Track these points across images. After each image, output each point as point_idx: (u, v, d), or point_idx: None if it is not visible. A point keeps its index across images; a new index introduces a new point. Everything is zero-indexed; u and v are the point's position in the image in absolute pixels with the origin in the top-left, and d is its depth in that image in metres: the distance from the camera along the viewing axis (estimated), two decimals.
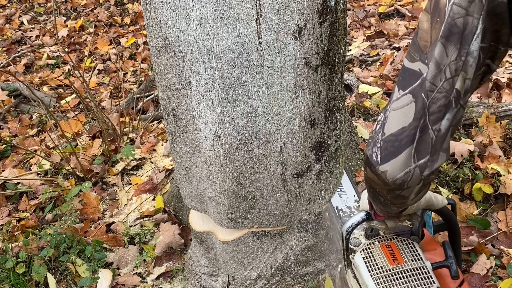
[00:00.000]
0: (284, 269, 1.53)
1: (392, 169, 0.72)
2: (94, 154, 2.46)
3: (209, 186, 1.39)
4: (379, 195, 0.82)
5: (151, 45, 1.27)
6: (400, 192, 0.76)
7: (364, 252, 1.07)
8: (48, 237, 1.85)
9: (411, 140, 0.70)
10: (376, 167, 0.73)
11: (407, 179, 0.72)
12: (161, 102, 1.38)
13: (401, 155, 0.71)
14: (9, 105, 3.27)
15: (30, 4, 5.20)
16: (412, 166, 0.71)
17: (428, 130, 0.70)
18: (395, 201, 0.81)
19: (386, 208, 0.90)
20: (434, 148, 0.70)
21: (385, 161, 0.72)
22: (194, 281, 1.68)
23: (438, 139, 0.70)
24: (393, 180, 0.72)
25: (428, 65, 0.69)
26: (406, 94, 0.71)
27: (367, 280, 1.02)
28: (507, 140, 2.04)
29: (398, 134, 0.71)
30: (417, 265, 1.02)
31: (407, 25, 3.39)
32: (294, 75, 1.19)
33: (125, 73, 3.66)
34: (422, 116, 0.69)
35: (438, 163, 0.71)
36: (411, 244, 1.08)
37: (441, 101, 0.69)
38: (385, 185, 0.75)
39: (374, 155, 0.74)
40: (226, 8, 1.08)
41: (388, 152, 0.72)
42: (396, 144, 0.71)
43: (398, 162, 0.71)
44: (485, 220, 1.71)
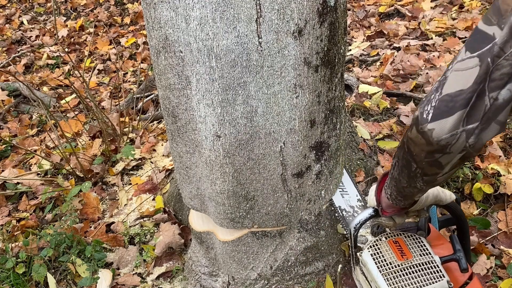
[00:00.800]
0: (284, 269, 1.53)
1: (439, 128, 0.70)
2: (94, 154, 2.46)
3: (209, 186, 1.39)
4: (414, 160, 0.79)
5: (151, 45, 1.27)
6: (439, 157, 0.73)
7: (372, 248, 1.08)
8: (48, 237, 1.85)
9: (465, 104, 0.68)
10: (424, 124, 0.71)
11: (451, 141, 0.70)
12: (161, 102, 1.38)
13: (452, 116, 0.69)
14: (9, 105, 3.27)
15: (30, 4, 5.20)
16: (460, 129, 0.69)
17: (484, 96, 0.67)
18: (428, 170, 0.78)
19: (409, 184, 0.86)
20: (487, 116, 0.68)
21: (435, 120, 0.70)
22: (194, 281, 1.68)
23: (493, 107, 0.67)
24: (437, 139, 0.70)
25: (503, 30, 0.65)
26: (473, 57, 0.68)
27: (377, 276, 1.02)
28: (507, 140, 2.04)
29: (454, 95, 0.69)
30: (425, 259, 1.02)
31: (407, 25, 3.39)
32: (294, 75, 1.19)
33: (125, 73, 3.66)
34: (483, 81, 0.67)
35: (486, 134, 0.69)
36: (418, 239, 1.08)
37: (505, 69, 0.66)
38: (427, 145, 0.72)
39: (425, 113, 0.72)
40: (226, 8, 1.08)
41: (440, 111, 0.70)
42: (450, 105, 0.69)
43: (448, 122, 0.69)
44: (485, 220, 1.71)
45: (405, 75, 2.76)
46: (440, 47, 3.03)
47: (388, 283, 1.00)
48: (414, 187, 0.86)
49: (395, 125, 2.22)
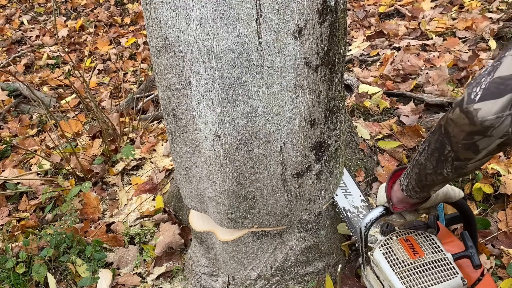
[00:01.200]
0: (284, 269, 1.53)
1: (486, 109, 0.69)
2: (94, 154, 2.46)
3: (209, 186, 1.39)
4: (450, 142, 0.77)
5: (151, 45, 1.27)
6: (478, 139, 0.72)
7: (383, 247, 1.07)
8: (48, 237, 1.85)
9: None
10: (470, 104, 0.70)
11: (496, 124, 0.69)
12: (161, 102, 1.38)
13: (501, 99, 0.68)
14: (9, 105, 3.27)
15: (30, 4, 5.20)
16: (507, 112, 0.68)
17: None
18: (462, 154, 0.76)
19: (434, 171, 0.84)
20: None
21: (483, 100, 0.69)
22: (194, 281, 1.68)
23: None
24: (482, 119, 0.69)
25: None
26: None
27: (390, 275, 1.01)
28: None
29: (506, 78, 0.68)
30: (438, 257, 1.02)
31: (407, 25, 3.39)
32: (294, 75, 1.19)
33: (125, 73, 3.66)
34: None
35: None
36: (429, 236, 1.07)
37: None
38: (470, 125, 0.71)
39: (473, 94, 0.71)
40: (226, 8, 1.08)
41: (489, 92, 0.69)
42: (501, 87, 0.68)
43: (496, 104, 0.68)
44: (485, 220, 1.71)
45: (405, 75, 2.76)
46: (440, 47, 3.03)
47: (402, 282, 0.99)
48: (439, 174, 0.84)
49: (395, 125, 2.22)
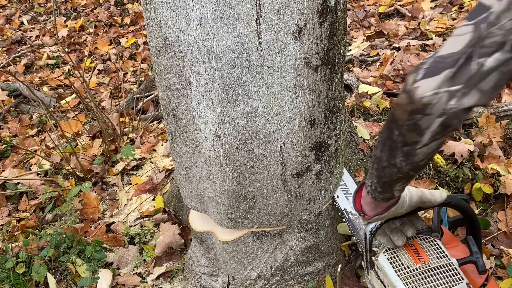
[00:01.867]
0: (284, 269, 1.53)
1: (424, 86, 0.71)
2: (94, 154, 2.46)
3: (209, 186, 1.39)
4: (396, 125, 0.78)
5: (151, 45, 1.27)
6: (419, 118, 0.73)
7: (388, 252, 1.06)
8: (48, 237, 1.85)
9: (453, 64, 0.70)
10: (411, 84, 0.73)
11: (433, 100, 0.70)
12: (161, 102, 1.38)
13: (439, 75, 0.70)
14: (9, 105, 3.27)
15: (30, 4, 5.20)
16: (443, 89, 0.70)
17: (471, 60, 0.69)
18: (408, 137, 0.77)
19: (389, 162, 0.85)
20: (471, 81, 0.69)
21: (423, 78, 0.72)
22: (194, 281, 1.68)
23: (479, 73, 0.69)
24: (420, 96, 0.71)
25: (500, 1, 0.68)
26: (469, 25, 0.71)
27: (395, 280, 1.00)
28: (507, 140, 2.04)
29: (445, 56, 0.71)
30: (443, 262, 1.01)
31: (407, 25, 3.39)
32: (294, 75, 1.19)
33: (125, 73, 3.66)
34: (474, 45, 0.69)
35: (467, 100, 0.70)
36: (433, 241, 1.06)
37: (496, 38, 0.68)
38: (409, 103, 0.73)
39: (417, 74, 0.73)
40: (226, 8, 1.08)
41: (429, 71, 0.72)
42: (439, 65, 0.71)
43: (433, 81, 0.71)
44: (485, 220, 1.71)
45: (405, 75, 2.76)
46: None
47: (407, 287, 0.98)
48: (393, 166, 0.84)
49: None
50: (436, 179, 1.88)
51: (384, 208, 1.00)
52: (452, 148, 1.96)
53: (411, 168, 0.83)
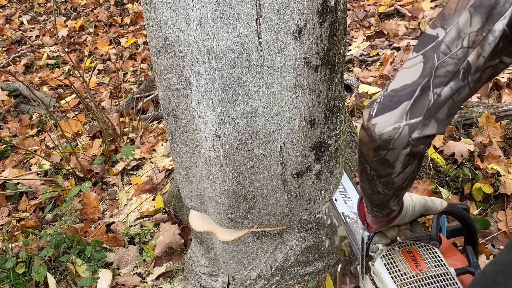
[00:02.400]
0: (284, 269, 1.53)
1: (382, 122, 0.70)
2: (94, 154, 2.46)
3: (209, 186, 1.39)
4: (367, 162, 0.78)
5: (151, 45, 1.27)
6: (385, 154, 0.72)
7: (385, 258, 1.05)
8: (48, 237, 1.85)
9: (409, 96, 0.69)
10: (369, 121, 0.72)
11: (394, 135, 0.69)
12: (161, 102, 1.38)
13: (396, 110, 0.69)
14: (9, 105, 3.27)
15: (30, 4, 5.20)
16: (403, 123, 0.69)
17: (428, 91, 0.69)
18: (381, 171, 0.77)
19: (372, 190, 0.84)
20: (429, 112, 0.69)
21: (379, 114, 0.71)
22: (194, 281, 1.68)
23: (435, 103, 0.69)
24: (379, 134, 0.70)
25: (447, 30, 0.68)
26: (418, 56, 0.71)
27: (391, 287, 0.99)
28: (507, 140, 2.04)
29: (399, 90, 0.70)
30: (441, 271, 1.00)
31: (407, 25, 3.39)
32: (294, 75, 1.19)
33: (125, 73, 3.66)
34: (428, 75, 0.69)
35: (428, 130, 0.69)
36: (432, 249, 1.05)
37: (450, 67, 0.68)
38: (371, 142, 0.72)
39: (371, 110, 0.72)
40: (226, 8, 1.08)
41: (384, 106, 0.71)
42: (394, 99, 0.70)
43: (391, 116, 0.70)
44: (485, 220, 1.71)
45: None
46: None
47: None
48: (378, 193, 0.84)
49: None
50: (436, 179, 1.88)
51: (386, 221, 1.00)
52: (452, 148, 1.97)
53: (396, 191, 0.83)
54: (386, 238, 1.06)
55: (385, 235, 1.06)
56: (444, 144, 2.02)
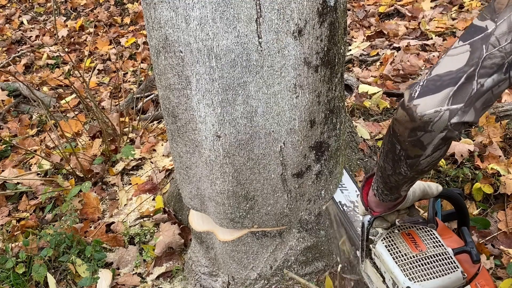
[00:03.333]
0: (284, 269, 1.53)
1: (424, 104, 0.72)
2: (94, 154, 2.46)
3: (209, 186, 1.39)
4: (398, 141, 0.80)
5: (151, 45, 1.27)
6: (421, 135, 0.74)
7: (385, 240, 1.08)
8: (48, 237, 1.85)
9: (454, 83, 0.71)
10: (410, 101, 0.73)
11: (434, 118, 0.71)
12: (161, 102, 1.38)
13: (439, 94, 0.71)
14: (9, 105, 3.27)
15: (30, 4, 5.20)
16: (445, 107, 0.71)
17: (473, 80, 0.70)
18: (411, 151, 0.79)
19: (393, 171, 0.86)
20: (470, 100, 0.71)
21: (421, 96, 0.72)
22: (194, 281, 1.68)
23: (478, 92, 0.70)
24: (421, 115, 0.72)
25: (497, 23, 0.69)
26: (465, 45, 0.72)
27: (393, 267, 1.03)
28: (507, 140, 2.04)
29: (443, 75, 0.72)
30: (439, 251, 1.04)
31: (407, 25, 3.39)
32: (294, 75, 1.19)
33: (125, 73, 3.66)
34: (474, 64, 0.70)
35: (467, 117, 0.71)
36: (430, 231, 1.09)
37: (496, 59, 0.69)
38: (411, 121, 0.74)
39: (413, 92, 0.74)
40: (226, 8, 1.08)
41: (427, 89, 0.72)
42: (437, 84, 0.72)
43: (433, 99, 0.71)
44: (485, 220, 1.71)
45: (405, 75, 2.76)
46: (440, 47, 3.03)
47: (404, 273, 1.01)
48: (399, 174, 0.86)
49: None
50: (436, 179, 1.88)
51: (391, 206, 1.03)
52: (452, 148, 1.96)
53: (416, 174, 0.85)
54: (387, 222, 1.09)
55: (385, 219, 1.09)
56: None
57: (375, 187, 0.98)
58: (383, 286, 1.09)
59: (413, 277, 1.00)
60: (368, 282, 1.18)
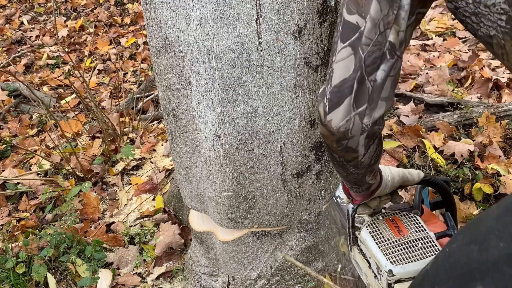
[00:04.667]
0: (284, 269, 1.53)
1: (335, 118, 0.76)
2: (94, 154, 2.46)
3: (209, 186, 1.39)
4: (333, 152, 0.84)
5: (151, 45, 1.27)
6: (347, 143, 0.79)
7: (370, 227, 1.13)
8: (48, 237, 1.85)
9: (350, 91, 0.75)
10: (324, 118, 0.78)
11: (349, 126, 0.76)
12: (161, 102, 1.38)
13: (343, 105, 0.76)
14: (9, 105, 3.27)
15: (30, 4, 5.20)
16: (352, 114, 0.75)
17: (364, 81, 0.74)
18: (347, 156, 0.83)
19: (347, 173, 0.90)
20: (372, 97, 0.75)
21: (330, 111, 0.77)
22: (194, 281, 1.68)
23: (375, 88, 0.75)
24: (337, 128, 0.77)
25: (366, 20, 0.72)
26: (346, 47, 0.75)
27: (376, 252, 1.07)
28: (507, 140, 2.04)
29: (340, 85, 0.76)
30: (421, 235, 1.08)
31: None
32: (294, 75, 1.19)
33: (125, 73, 3.66)
34: (359, 68, 0.74)
35: (377, 112, 0.76)
36: (413, 217, 1.13)
37: (375, 54, 0.73)
38: (332, 135, 0.79)
39: (324, 106, 0.78)
40: (226, 8, 1.08)
41: (333, 103, 0.77)
42: (338, 95, 0.76)
43: (340, 111, 0.76)
44: None
45: (405, 75, 2.76)
46: (440, 47, 3.03)
47: (387, 257, 1.05)
48: (351, 173, 0.90)
49: (395, 125, 2.22)
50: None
51: (369, 193, 1.07)
52: (452, 148, 1.97)
53: (366, 169, 0.89)
54: (369, 208, 1.13)
55: (368, 206, 1.13)
56: (444, 144, 2.02)
57: (345, 183, 1.02)
58: (369, 271, 1.13)
59: (395, 261, 1.03)
60: (357, 269, 1.23)
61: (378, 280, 1.09)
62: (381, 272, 1.06)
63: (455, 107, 2.31)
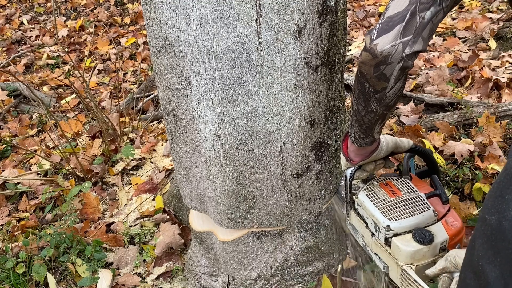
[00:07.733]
0: (284, 269, 1.53)
1: (382, 42, 0.87)
2: (94, 154, 2.46)
3: (209, 186, 1.39)
4: (366, 79, 0.93)
5: (151, 45, 1.27)
6: (384, 68, 0.89)
7: (366, 190, 1.25)
8: (48, 237, 1.85)
9: (402, 20, 0.86)
10: (371, 43, 0.88)
11: (391, 52, 0.86)
12: (161, 102, 1.38)
13: (392, 31, 0.86)
14: (9, 105, 3.27)
15: (30, 4, 5.20)
16: (398, 41, 0.86)
17: (416, 15, 0.86)
18: (378, 86, 0.92)
19: (366, 110, 0.99)
20: (417, 31, 0.86)
21: (379, 36, 0.87)
22: (194, 281, 1.68)
23: (421, 24, 0.86)
24: (381, 51, 0.87)
25: None
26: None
27: (374, 211, 1.19)
28: (507, 140, 2.04)
29: (393, 16, 0.87)
30: (413, 195, 1.21)
31: None
32: (294, 75, 1.19)
33: (125, 73, 3.66)
34: (415, 3, 0.86)
35: (417, 46, 0.87)
36: (404, 181, 1.27)
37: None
38: (374, 58, 0.88)
39: (372, 35, 0.88)
40: (226, 8, 1.08)
41: (382, 30, 0.87)
42: (390, 24, 0.87)
43: (389, 36, 0.86)
44: None
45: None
46: (440, 47, 3.03)
47: (384, 215, 1.16)
48: (371, 112, 0.99)
49: (395, 125, 2.22)
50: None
51: (368, 153, 1.17)
52: (452, 148, 1.97)
53: (385, 108, 0.99)
54: (366, 172, 1.25)
55: (364, 170, 1.25)
56: (444, 144, 2.02)
57: (352, 134, 1.11)
58: (367, 231, 1.25)
59: (391, 217, 1.16)
60: (353, 233, 1.35)
61: (375, 237, 1.21)
62: (379, 229, 1.17)
63: (455, 107, 2.31)
